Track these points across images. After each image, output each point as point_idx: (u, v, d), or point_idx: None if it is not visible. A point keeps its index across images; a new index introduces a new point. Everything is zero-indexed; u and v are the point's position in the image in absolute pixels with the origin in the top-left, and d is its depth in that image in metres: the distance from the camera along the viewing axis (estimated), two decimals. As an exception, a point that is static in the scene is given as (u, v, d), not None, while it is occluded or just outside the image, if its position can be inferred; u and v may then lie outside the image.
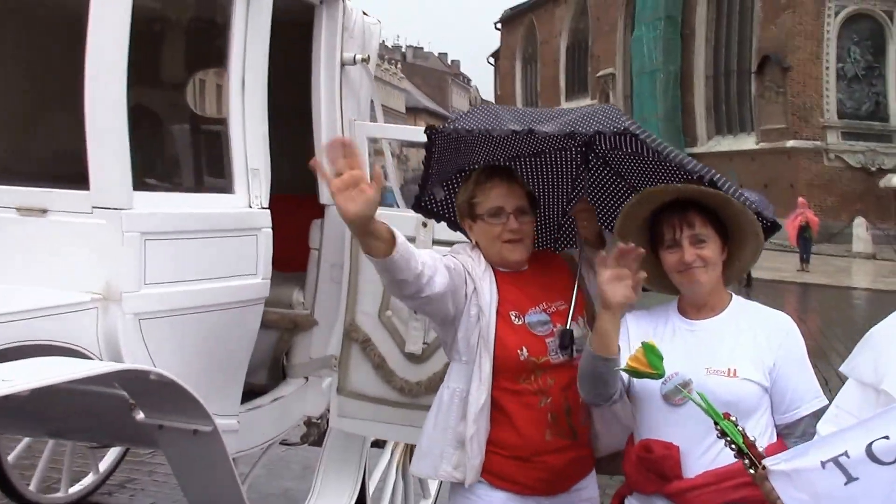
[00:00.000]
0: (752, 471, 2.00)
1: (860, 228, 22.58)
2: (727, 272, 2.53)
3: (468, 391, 2.66)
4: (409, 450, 4.10)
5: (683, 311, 2.54)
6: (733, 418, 2.05)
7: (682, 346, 2.46)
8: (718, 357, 2.42)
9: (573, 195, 3.00)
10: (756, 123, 29.31)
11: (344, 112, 3.69)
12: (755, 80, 29.08)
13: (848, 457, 1.89)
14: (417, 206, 2.99)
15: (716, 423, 2.05)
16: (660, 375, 2.29)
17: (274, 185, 3.25)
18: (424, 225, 3.40)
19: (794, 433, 2.43)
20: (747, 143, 29.48)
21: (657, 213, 2.51)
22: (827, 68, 27.17)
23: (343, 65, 3.68)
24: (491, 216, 2.70)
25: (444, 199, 2.93)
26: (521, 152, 2.92)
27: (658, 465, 2.40)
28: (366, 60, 3.77)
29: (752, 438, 2.04)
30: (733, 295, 2.57)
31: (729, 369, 2.39)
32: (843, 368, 2.29)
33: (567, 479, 2.73)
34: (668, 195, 2.49)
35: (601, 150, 2.87)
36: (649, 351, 2.27)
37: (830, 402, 2.24)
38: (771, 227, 2.65)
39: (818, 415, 2.39)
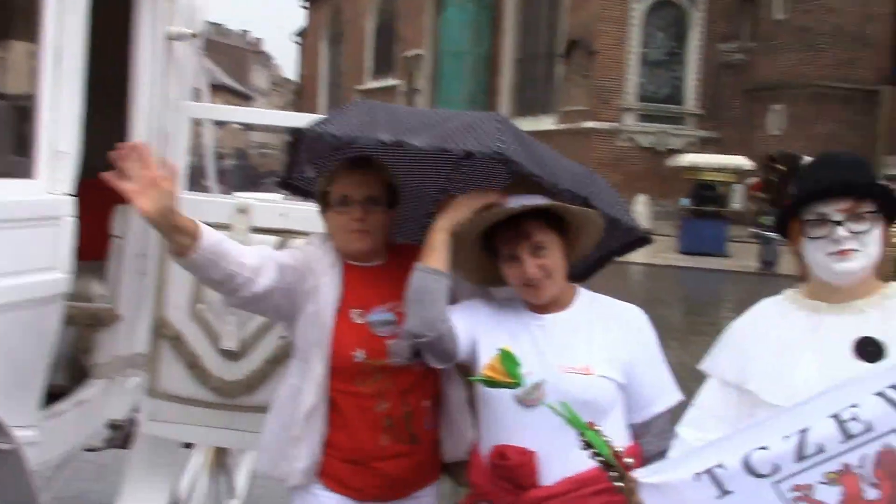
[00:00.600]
0: (619, 484, 1.89)
1: (641, 205, 23.76)
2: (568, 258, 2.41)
3: (302, 391, 2.50)
4: (219, 450, 3.95)
5: (531, 306, 2.41)
6: (598, 427, 1.94)
7: (533, 343, 2.33)
8: (572, 354, 2.30)
9: (451, 189, 2.82)
10: (558, 105, 30.34)
11: (168, 91, 3.39)
12: (562, 63, 30.07)
13: (723, 468, 1.82)
14: (284, 184, 2.78)
15: (580, 434, 1.93)
16: (517, 384, 2.14)
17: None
18: (243, 211, 3.14)
19: (649, 431, 2.35)
20: (546, 124, 30.39)
21: (493, 226, 2.37)
22: (631, 53, 28.48)
23: (169, 39, 3.37)
24: (338, 205, 2.53)
25: (315, 177, 2.71)
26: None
27: (514, 473, 2.26)
28: (195, 36, 3.47)
29: (618, 449, 1.93)
30: (579, 287, 2.46)
31: (583, 367, 2.28)
32: (703, 366, 2.25)
33: (404, 486, 2.56)
34: (502, 216, 2.34)
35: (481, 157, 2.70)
36: (506, 359, 2.12)
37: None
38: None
39: (673, 411, 2.34)
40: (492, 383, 2.15)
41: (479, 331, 2.38)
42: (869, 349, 2.00)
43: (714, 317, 13.41)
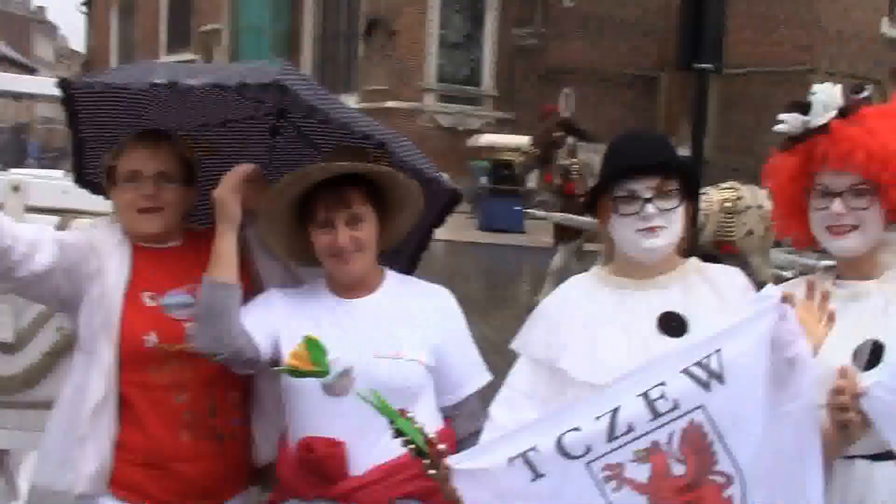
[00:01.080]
0: (432, 472, 1.84)
1: (443, 184, 24.30)
2: (380, 241, 2.31)
3: (88, 385, 2.24)
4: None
5: (336, 289, 2.30)
6: (410, 414, 1.87)
7: (339, 328, 2.22)
8: (381, 339, 2.21)
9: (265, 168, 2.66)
10: (360, 84, 30.28)
11: None
12: (363, 42, 29.99)
13: (537, 451, 1.81)
14: (82, 179, 2.53)
15: (391, 422, 1.85)
16: (325, 373, 2.03)
17: None
18: (16, 189, 2.85)
19: (461, 413, 2.30)
20: (348, 102, 30.29)
21: (312, 188, 2.22)
22: (430, 34, 28.78)
23: None
24: (126, 180, 2.31)
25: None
26: (209, 121, 2.56)
27: (322, 465, 2.15)
28: None
29: (431, 435, 1.87)
30: (386, 270, 2.37)
31: (393, 351, 2.19)
32: (513, 345, 2.23)
33: (209, 493, 2.33)
34: (322, 174, 2.21)
35: (294, 119, 2.54)
36: (312, 346, 2.01)
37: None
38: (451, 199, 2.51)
39: (483, 391, 2.32)
40: (297, 373, 2.03)
41: (278, 326, 2.24)
42: (672, 324, 2.04)
43: (513, 291, 13.83)
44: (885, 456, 1.87)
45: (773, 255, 9.56)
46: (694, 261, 2.17)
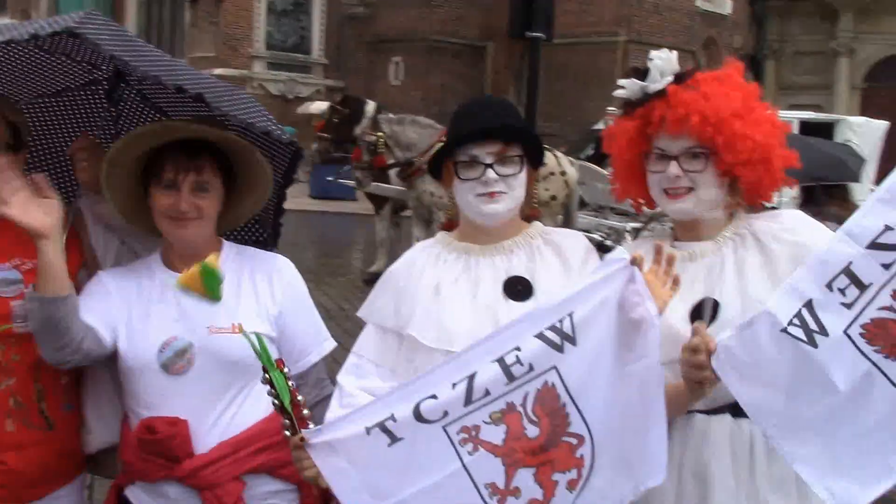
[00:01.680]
0: (288, 433, 1.82)
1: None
2: (223, 220, 2.22)
3: None
4: None
5: (171, 263, 2.18)
6: (286, 370, 1.83)
7: (175, 304, 2.12)
8: (219, 313, 2.12)
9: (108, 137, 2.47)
10: (186, 51, 29.26)
11: None
12: (189, 8, 28.97)
13: (395, 420, 1.80)
14: None
15: (265, 370, 1.81)
16: (216, 299, 1.99)
17: None
18: None
19: (307, 382, 2.24)
20: (176, 68, 29.32)
21: (160, 147, 2.10)
22: (258, 1, 28.08)
23: None
24: None
25: None
26: (44, 90, 2.38)
27: (165, 445, 2.05)
28: None
29: (300, 398, 1.83)
30: (224, 241, 2.27)
31: (232, 325, 2.10)
32: (360, 313, 2.19)
33: (35, 484, 2.18)
34: (168, 133, 2.10)
35: (135, 84, 2.37)
36: (208, 273, 1.97)
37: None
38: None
39: (328, 358, 2.27)
40: (185, 290, 2.03)
41: (115, 318, 2.12)
42: (518, 288, 2.06)
43: (346, 258, 13.81)
44: (720, 410, 1.96)
45: (578, 217, 10.00)
46: (538, 225, 2.19)
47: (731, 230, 2.07)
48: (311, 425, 1.85)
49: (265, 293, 2.20)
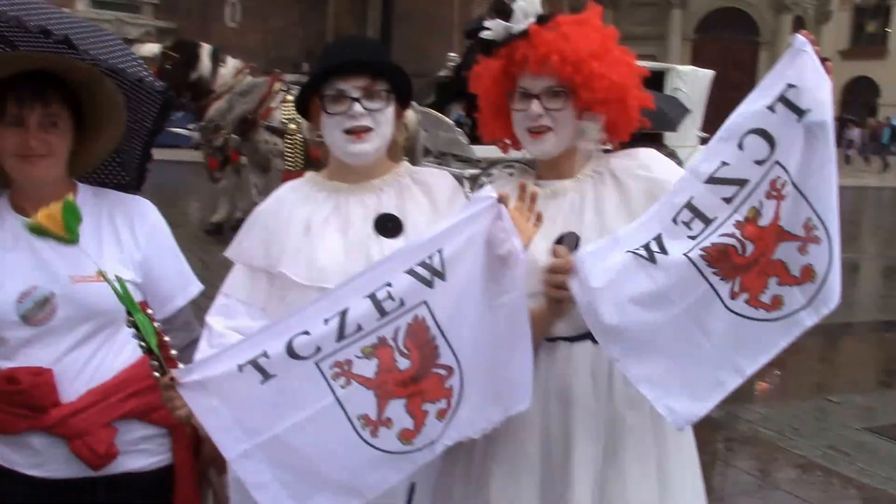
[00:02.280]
0: (158, 374, 1.80)
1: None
2: (76, 162, 2.11)
3: None
4: None
5: (21, 207, 2.07)
6: (150, 311, 1.80)
7: (31, 251, 2.02)
8: (81, 260, 2.02)
9: None
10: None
11: None
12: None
13: (267, 357, 1.80)
14: None
15: (129, 314, 1.77)
16: (72, 241, 1.92)
17: None
18: None
19: (174, 326, 2.18)
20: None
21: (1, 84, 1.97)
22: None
23: None
24: None
25: None
26: None
27: (28, 395, 1.97)
28: None
29: (166, 339, 1.81)
30: (78, 183, 2.17)
31: (95, 272, 2.00)
32: (228, 253, 2.17)
33: None
34: (15, 66, 1.96)
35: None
36: (69, 211, 1.89)
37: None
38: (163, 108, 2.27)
39: (194, 302, 2.23)
40: (39, 230, 1.94)
41: None
42: (388, 225, 2.10)
43: (183, 208, 13.48)
44: (582, 338, 2.07)
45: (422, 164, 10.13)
46: (406, 164, 2.23)
47: (591, 168, 2.16)
48: (181, 366, 1.84)
49: (127, 238, 2.13)
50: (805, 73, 1.89)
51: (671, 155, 7.70)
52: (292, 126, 9.93)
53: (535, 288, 1.95)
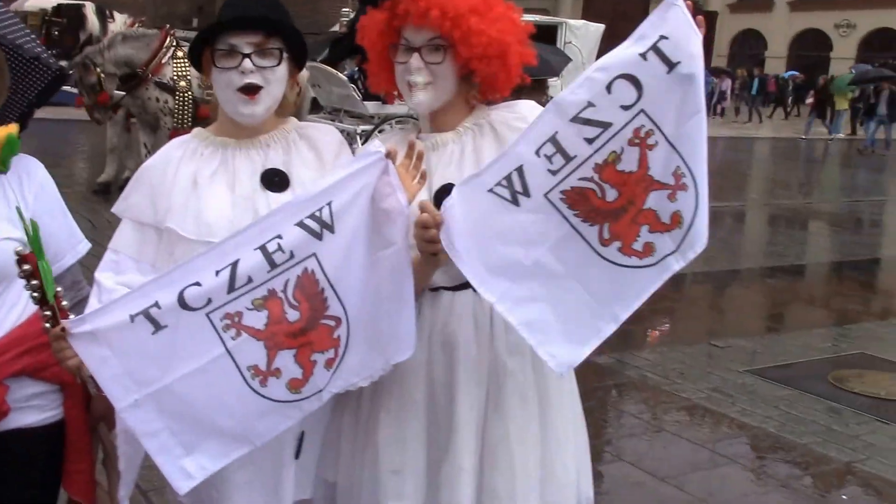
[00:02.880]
0: (49, 325, 1.80)
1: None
2: None
3: None
4: None
5: None
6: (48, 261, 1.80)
7: None
8: None
9: None
10: None
11: None
12: None
13: (159, 307, 1.82)
14: None
15: (20, 265, 1.77)
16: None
17: None
18: None
19: (63, 284, 2.16)
20: None
21: None
22: None
23: None
24: None
25: None
26: None
27: None
28: None
29: (59, 289, 1.81)
30: None
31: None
32: (115, 210, 2.16)
33: None
34: None
35: None
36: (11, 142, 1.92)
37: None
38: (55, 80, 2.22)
39: (81, 262, 2.20)
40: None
41: None
42: (275, 179, 2.12)
43: (70, 168, 13.09)
44: (463, 287, 2.14)
45: (314, 120, 10.07)
46: (293, 120, 2.25)
47: (471, 121, 2.22)
48: (72, 316, 1.84)
49: (15, 197, 2.08)
50: (677, 26, 1.95)
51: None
52: (182, 83, 9.72)
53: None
